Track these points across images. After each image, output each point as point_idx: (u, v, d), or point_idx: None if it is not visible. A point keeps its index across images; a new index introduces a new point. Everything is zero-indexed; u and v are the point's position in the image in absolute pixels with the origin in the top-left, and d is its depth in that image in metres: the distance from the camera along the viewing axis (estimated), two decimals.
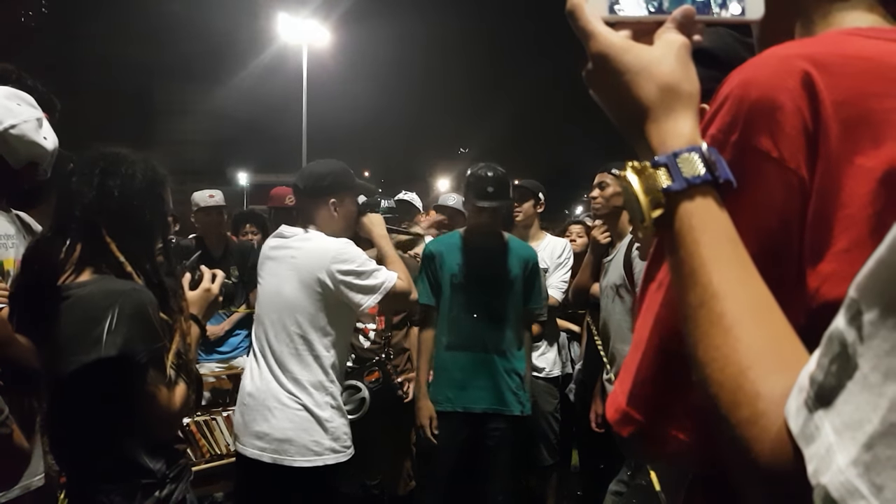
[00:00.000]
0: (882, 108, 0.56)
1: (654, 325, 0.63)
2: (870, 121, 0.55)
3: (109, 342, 1.34)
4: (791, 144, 0.56)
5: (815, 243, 0.56)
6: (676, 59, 0.59)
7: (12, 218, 1.81)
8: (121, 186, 1.47)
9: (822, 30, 0.67)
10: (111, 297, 1.38)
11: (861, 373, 0.36)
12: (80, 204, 1.45)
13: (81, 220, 1.45)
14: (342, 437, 2.20)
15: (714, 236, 0.53)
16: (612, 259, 2.81)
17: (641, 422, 0.62)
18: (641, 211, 0.56)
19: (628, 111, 0.60)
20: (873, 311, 0.35)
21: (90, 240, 1.46)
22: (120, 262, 1.45)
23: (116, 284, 1.42)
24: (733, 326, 0.49)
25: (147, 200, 1.51)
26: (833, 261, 0.55)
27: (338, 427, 2.19)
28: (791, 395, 0.42)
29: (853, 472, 0.34)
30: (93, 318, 1.36)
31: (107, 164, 1.48)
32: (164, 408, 1.45)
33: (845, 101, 0.56)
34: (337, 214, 2.27)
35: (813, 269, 0.56)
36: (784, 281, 0.55)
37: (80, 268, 1.46)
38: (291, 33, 20.45)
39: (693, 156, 0.55)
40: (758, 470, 0.44)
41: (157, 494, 1.46)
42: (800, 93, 0.56)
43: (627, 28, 0.62)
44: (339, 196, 2.27)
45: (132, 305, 1.39)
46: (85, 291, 1.40)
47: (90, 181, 1.46)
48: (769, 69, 0.59)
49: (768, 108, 0.57)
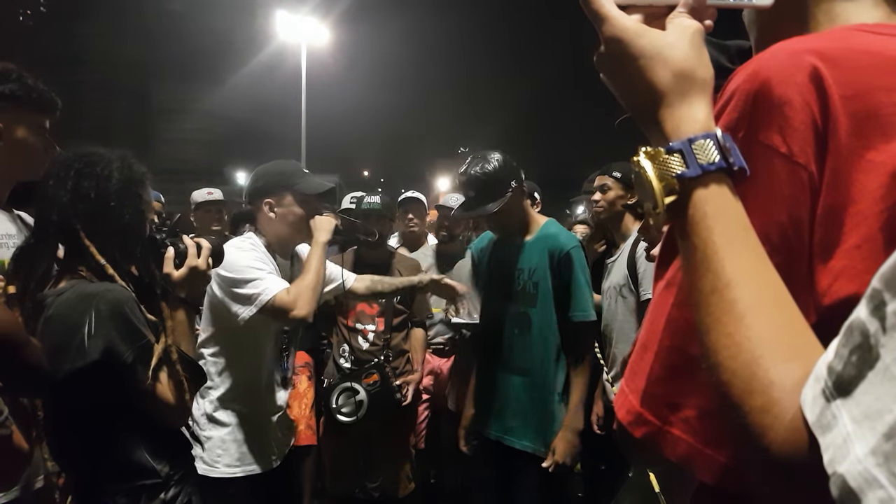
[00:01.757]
0: (891, 103, 0.55)
1: (667, 325, 0.62)
2: (879, 115, 0.55)
3: (92, 346, 1.33)
4: (800, 139, 0.56)
5: (826, 239, 0.55)
6: (691, 45, 0.58)
7: (13, 217, 1.80)
8: (96, 187, 1.45)
9: (827, 27, 0.67)
10: (87, 301, 1.36)
11: (883, 363, 0.35)
12: (57, 207, 1.43)
13: (59, 223, 1.43)
14: (215, 451, 2.08)
15: (728, 224, 0.53)
16: (616, 260, 2.81)
17: (655, 423, 0.62)
18: (655, 197, 0.56)
19: (642, 96, 0.59)
20: None
21: (69, 243, 1.44)
22: (101, 264, 1.43)
23: (90, 288, 1.40)
24: (746, 314, 0.49)
25: (125, 200, 1.48)
26: (844, 257, 0.54)
27: (213, 439, 2.09)
28: (807, 383, 0.42)
29: (872, 462, 0.34)
30: (72, 325, 1.34)
31: (81, 166, 1.46)
32: (162, 401, 1.44)
33: (854, 95, 0.56)
34: (275, 215, 2.18)
35: (823, 265, 0.55)
36: (794, 277, 0.54)
37: (59, 275, 1.44)
38: (290, 32, 20.43)
39: (708, 142, 0.54)
40: (770, 458, 0.44)
41: (163, 496, 1.45)
42: (808, 87, 0.56)
43: (639, 11, 0.61)
44: (276, 196, 2.17)
45: (109, 306, 1.37)
46: (62, 300, 1.39)
47: (65, 183, 1.44)
48: (777, 64, 0.58)
49: (777, 102, 0.56)
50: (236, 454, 2.11)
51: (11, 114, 1.71)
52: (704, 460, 0.59)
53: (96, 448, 1.43)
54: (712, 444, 0.58)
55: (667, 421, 0.61)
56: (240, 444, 2.12)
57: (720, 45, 1.19)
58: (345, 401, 2.79)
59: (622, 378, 0.67)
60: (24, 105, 1.72)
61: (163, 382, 1.45)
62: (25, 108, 1.73)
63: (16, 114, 1.71)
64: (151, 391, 1.42)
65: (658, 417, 0.61)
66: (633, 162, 0.59)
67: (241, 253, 2.08)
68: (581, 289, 2.28)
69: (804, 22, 0.69)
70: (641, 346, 0.65)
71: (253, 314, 2.02)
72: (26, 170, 1.79)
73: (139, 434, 1.45)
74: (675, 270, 0.62)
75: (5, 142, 1.71)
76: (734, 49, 1.19)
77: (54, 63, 33.46)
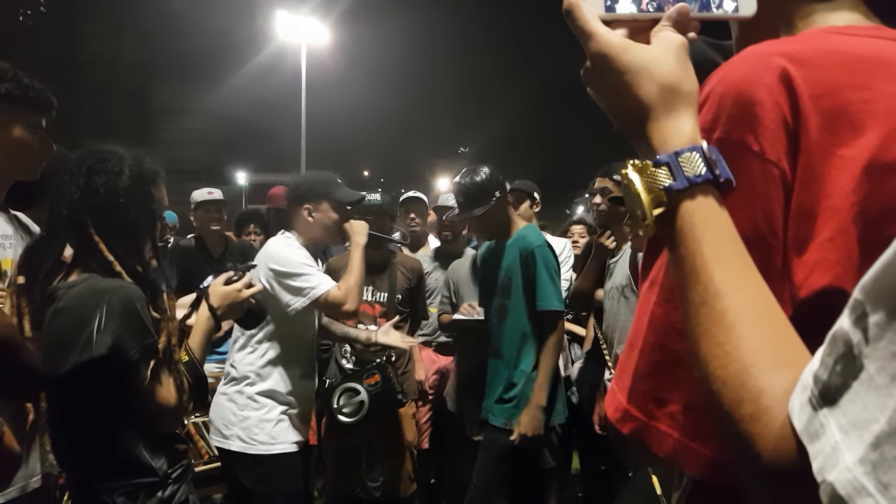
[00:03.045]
0: (860, 99, 0.57)
1: (650, 322, 0.63)
2: (848, 112, 0.57)
3: (100, 341, 1.34)
4: (771, 137, 0.57)
5: (800, 233, 0.57)
6: (675, 59, 0.59)
7: (10, 218, 1.80)
8: (106, 184, 1.46)
9: (803, 30, 0.69)
10: (99, 296, 1.37)
11: (867, 373, 0.36)
12: (69, 203, 1.44)
13: (69, 219, 1.45)
14: (253, 430, 2.30)
15: (715, 235, 0.54)
16: (618, 261, 2.79)
17: (642, 419, 0.63)
18: (643, 209, 0.56)
19: (629, 111, 0.60)
20: (879, 314, 0.36)
21: (78, 239, 1.46)
22: (109, 261, 1.44)
23: (103, 283, 1.42)
24: (735, 324, 0.50)
25: (134, 198, 1.49)
26: (818, 250, 0.56)
27: (250, 418, 2.31)
28: (795, 392, 0.43)
29: (860, 471, 0.35)
30: (82, 318, 1.36)
31: (93, 162, 1.47)
32: (160, 403, 1.44)
33: (823, 93, 0.57)
34: (313, 220, 2.45)
35: (798, 258, 0.57)
36: (770, 272, 0.56)
37: (70, 268, 1.45)
38: (290, 32, 20.44)
39: (694, 155, 0.55)
40: (760, 465, 0.45)
41: (160, 494, 1.46)
42: (777, 88, 0.58)
43: (624, 26, 0.62)
44: (315, 203, 2.44)
45: (120, 303, 1.38)
46: (73, 292, 1.40)
47: (77, 179, 1.45)
48: (747, 66, 0.60)
49: (747, 103, 0.58)
50: (275, 432, 2.31)
51: (8, 113, 1.70)
52: (691, 454, 0.61)
53: (95, 445, 1.44)
54: (698, 438, 0.60)
55: (653, 416, 0.63)
56: (277, 422, 2.33)
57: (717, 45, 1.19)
58: (346, 401, 2.80)
59: (613, 377, 0.69)
60: (21, 104, 1.72)
61: (163, 384, 1.45)
62: (22, 108, 1.72)
63: (13, 113, 1.71)
64: (150, 391, 1.42)
65: (644, 413, 0.63)
66: (621, 175, 0.60)
67: (292, 250, 2.35)
68: (544, 282, 2.60)
69: (782, 25, 0.71)
70: (629, 344, 0.66)
71: (305, 305, 2.29)
72: (24, 169, 1.78)
73: (138, 432, 1.46)
74: (657, 270, 0.64)
75: (3, 142, 1.70)
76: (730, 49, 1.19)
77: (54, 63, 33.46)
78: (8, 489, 1.56)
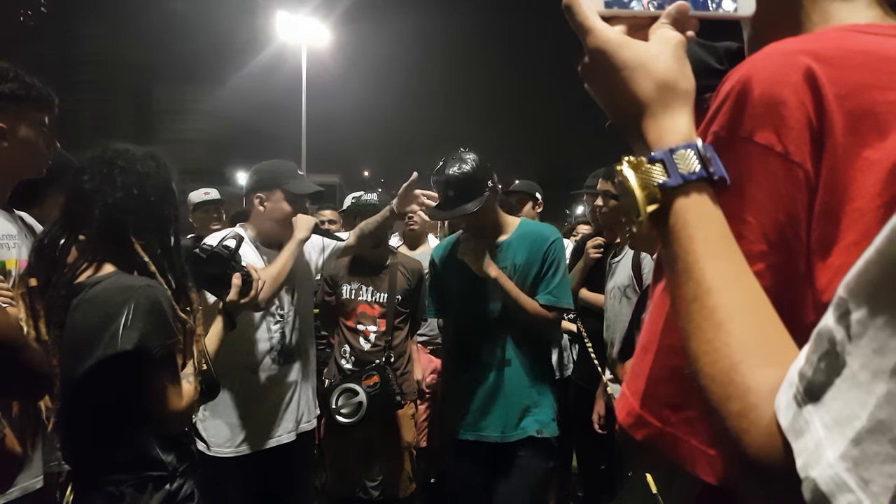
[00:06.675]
0: (886, 101, 0.56)
1: (665, 325, 0.62)
2: (874, 113, 0.56)
3: (125, 337, 1.35)
4: (795, 138, 0.56)
5: (824, 237, 0.56)
6: (673, 56, 0.59)
7: (14, 218, 1.80)
8: (139, 184, 1.48)
9: (821, 27, 0.67)
10: (127, 293, 1.39)
11: (850, 370, 0.37)
12: (102, 203, 1.45)
13: (103, 219, 1.45)
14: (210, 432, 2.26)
15: (708, 232, 0.54)
16: (620, 260, 2.78)
17: (656, 425, 0.61)
18: (637, 205, 0.57)
19: (625, 107, 0.60)
20: (861, 311, 0.37)
21: (113, 239, 1.46)
22: (144, 261, 1.46)
23: (132, 280, 1.43)
24: (725, 321, 0.50)
25: (164, 196, 1.53)
26: (842, 254, 0.55)
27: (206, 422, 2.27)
28: (781, 389, 0.43)
29: (842, 467, 0.35)
30: (109, 313, 1.37)
31: (124, 163, 1.49)
32: (173, 404, 1.45)
33: (848, 94, 0.56)
34: (264, 209, 2.38)
35: (822, 262, 0.56)
36: (793, 275, 0.55)
37: (96, 265, 1.46)
38: (291, 32, 20.43)
39: (689, 152, 0.55)
40: (747, 461, 0.45)
41: (168, 487, 1.47)
42: (803, 87, 0.57)
43: (623, 23, 0.62)
44: (267, 192, 2.38)
45: (148, 301, 1.40)
46: (100, 288, 1.41)
47: (111, 180, 1.46)
48: (771, 65, 0.59)
49: (771, 102, 0.57)
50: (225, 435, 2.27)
51: (13, 113, 1.70)
52: (707, 461, 0.59)
53: (111, 438, 1.45)
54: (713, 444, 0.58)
55: (667, 422, 0.61)
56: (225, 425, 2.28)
57: (709, 46, 1.19)
58: (344, 402, 2.79)
59: (624, 381, 0.67)
60: (25, 103, 1.72)
61: (177, 387, 1.46)
62: (26, 107, 1.73)
63: (17, 112, 1.71)
64: (163, 391, 1.43)
65: (658, 419, 0.61)
66: (616, 171, 0.60)
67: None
68: (564, 278, 2.38)
69: (799, 22, 0.69)
70: (642, 347, 0.65)
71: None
72: (31, 167, 1.79)
73: (152, 426, 1.47)
74: None
75: (9, 141, 1.70)
76: (722, 50, 1.19)
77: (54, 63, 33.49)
78: (10, 490, 1.57)
